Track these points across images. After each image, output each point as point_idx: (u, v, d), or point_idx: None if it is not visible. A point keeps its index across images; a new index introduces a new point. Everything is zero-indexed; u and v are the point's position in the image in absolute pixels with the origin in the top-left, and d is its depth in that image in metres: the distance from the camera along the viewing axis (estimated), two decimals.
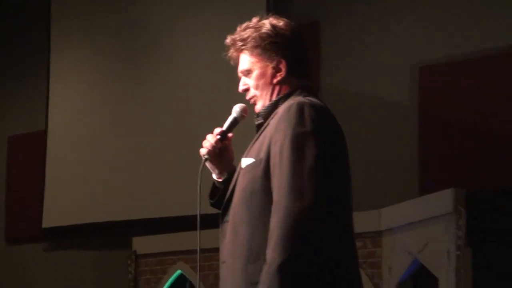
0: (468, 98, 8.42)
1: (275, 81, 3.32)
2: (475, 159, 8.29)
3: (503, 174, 8.08)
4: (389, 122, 8.99)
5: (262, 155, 3.18)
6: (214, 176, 3.54)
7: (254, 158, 3.22)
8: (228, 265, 3.34)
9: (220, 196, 3.46)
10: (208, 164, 3.46)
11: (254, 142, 3.33)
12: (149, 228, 9.64)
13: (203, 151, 3.41)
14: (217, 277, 8.85)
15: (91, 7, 10.78)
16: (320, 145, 3.08)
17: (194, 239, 9.14)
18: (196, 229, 9.11)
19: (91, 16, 10.75)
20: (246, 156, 3.30)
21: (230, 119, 3.45)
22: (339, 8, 9.58)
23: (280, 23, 3.39)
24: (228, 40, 3.43)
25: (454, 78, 8.56)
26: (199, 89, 9.68)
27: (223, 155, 3.49)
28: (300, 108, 3.12)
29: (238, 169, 3.39)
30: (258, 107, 3.39)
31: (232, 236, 3.27)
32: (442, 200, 7.74)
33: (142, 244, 9.59)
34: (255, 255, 3.13)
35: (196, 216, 8.42)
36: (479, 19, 8.57)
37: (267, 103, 3.36)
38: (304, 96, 3.30)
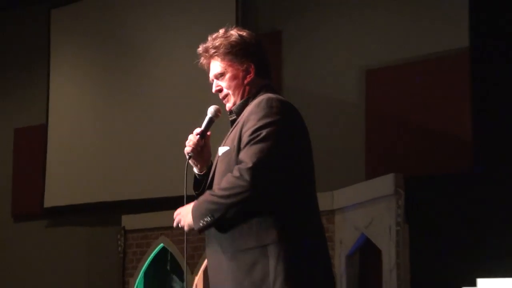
0: (408, 97, 8.46)
1: (245, 82, 3.37)
2: (412, 149, 8.33)
3: (435, 162, 8.10)
4: (341, 117, 9.05)
5: (236, 142, 3.23)
6: (196, 170, 3.56)
7: (229, 146, 3.27)
8: (212, 239, 3.34)
9: (204, 187, 3.45)
10: (191, 161, 3.49)
11: (229, 135, 3.36)
12: (136, 207, 9.75)
13: (187, 149, 3.43)
14: (195, 249, 9.06)
15: (88, 10, 10.83)
16: (284, 131, 3.17)
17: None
18: (174, 208, 9.31)
19: (88, 17, 10.82)
20: (222, 146, 3.35)
21: (206, 120, 3.46)
22: (298, 20, 9.57)
23: (244, 33, 3.46)
24: (201, 48, 3.47)
25: (395, 79, 8.59)
26: (181, 82, 9.77)
27: (203, 151, 3.52)
28: (269, 101, 3.20)
29: (216, 158, 3.41)
30: (230, 105, 3.42)
31: None
32: (385, 183, 7.81)
33: (130, 221, 9.71)
34: (235, 228, 3.22)
35: (176, 197, 8.62)
36: (416, 28, 8.61)
37: (238, 101, 3.39)
38: (270, 93, 3.37)
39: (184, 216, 3.27)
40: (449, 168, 7.89)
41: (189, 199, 3.39)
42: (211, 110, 3.48)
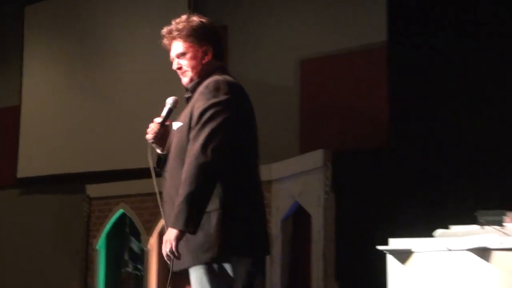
0: (336, 83, 8.54)
1: (203, 62, 3.31)
2: (339, 128, 8.40)
3: (358, 139, 8.21)
4: (279, 100, 9.10)
5: (187, 119, 3.19)
6: (159, 151, 3.45)
7: (182, 122, 3.23)
8: (169, 203, 3.26)
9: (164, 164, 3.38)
10: (153, 145, 3.40)
11: (184, 110, 3.33)
12: (99, 178, 9.84)
13: (148, 136, 3.34)
14: (151, 214, 9.14)
15: (59, 6, 10.90)
16: (229, 111, 3.15)
17: (133, 186, 9.44)
18: (133, 179, 9.33)
19: (58, 12, 10.87)
20: (176, 121, 3.30)
21: (166, 110, 3.37)
22: (242, 15, 9.64)
23: (204, 20, 3.43)
24: (165, 30, 3.39)
25: (326, 68, 8.67)
26: (140, 65, 9.90)
27: (164, 136, 3.42)
28: (216, 83, 3.18)
29: (171, 132, 3.38)
30: (187, 81, 3.38)
31: (170, 181, 3.24)
32: (315, 157, 7.87)
33: (93, 190, 9.80)
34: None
35: (135, 169, 8.64)
36: (345, 23, 8.64)
37: (195, 79, 3.33)
38: (222, 74, 3.34)
39: (169, 235, 3.13)
40: (370, 144, 8.02)
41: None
42: (170, 101, 3.40)
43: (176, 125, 3.29)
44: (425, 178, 7.49)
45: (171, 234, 3.10)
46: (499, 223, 5.24)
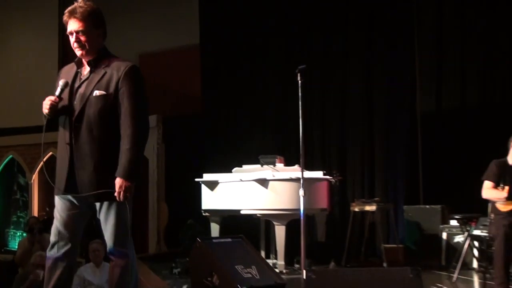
0: (166, 70, 8.29)
1: (98, 41, 2.83)
2: (167, 101, 8.17)
3: (181, 108, 8.12)
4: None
5: (112, 91, 2.74)
6: (48, 116, 2.83)
7: (105, 91, 2.74)
8: (84, 148, 2.76)
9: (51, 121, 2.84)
10: (48, 116, 2.78)
11: (100, 79, 2.79)
12: None
13: (45, 111, 2.77)
14: (33, 158, 9.10)
15: None
16: (143, 91, 2.82)
17: (19, 138, 8.86)
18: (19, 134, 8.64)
19: None
20: (94, 88, 2.79)
21: (59, 89, 2.80)
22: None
23: (98, 7, 2.93)
24: (68, 9, 2.84)
25: (159, 60, 8.41)
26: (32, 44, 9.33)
27: (58, 109, 2.82)
28: (136, 69, 2.82)
29: (83, 91, 2.82)
30: (84, 54, 2.82)
31: (89, 134, 2.73)
32: (151, 120, 6.99)
33: None
34: (106, 142, 2.72)
35: (23, 127, 8.11)
36: (174, 28, 8.33)
37: (94, 55, 2.81)
38: (111, 55, 2.92)
39: (126, 183, 2.68)
40: (189, 112, 8.08)
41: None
42: (61, 83, 2.83)
43: (96, 92, 2.77)
44: (228, 134, 7.65)
45: (127, 184, 2.70)
46: (273, 164, 5.66)
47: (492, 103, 6.33)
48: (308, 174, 5.14)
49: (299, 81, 3.25)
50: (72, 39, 2.83)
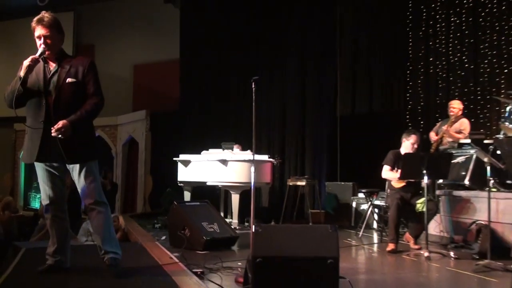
0: (155, 77, 8.21)
1: (59, 44, 2.66)
2: (154, 100, 8.06)
3: (164, 105, 7.91)
4: (123, 86, 8.53)
5: (80, 78, 2.61)
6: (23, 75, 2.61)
7: (75, 79, 2.60)
8: (63, 117, 2.59)
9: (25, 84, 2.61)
10: (25, 76, 2.54)
11: (68, 70, 2.63)
12: None
13: (22, 71, 2.53)
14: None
15: None
16: (99, 78, 2.68)
17: None
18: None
19: None
20: (66, 76, 2.63)
21: (39, 52, 2.59)
22: (104, 36, 8.86)
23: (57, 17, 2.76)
24: (36, 18, 2.65)
25: (149, 70, 8.33)
26: None
27: (32, 90, 2.60)
28: (94, 63, 2.68)
29: (56, 80, 2.64)
30: (49, 54, 2.63)
31: (65, 109, 2.56)
32: (141, 114, 7.72)
33: None
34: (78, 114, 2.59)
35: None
36: (161, 45, 8.21)
37: (56, 54, 2.64)
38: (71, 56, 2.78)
39: (67, 126, 2.53)
40: (170, 109, 7.92)
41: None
42: (41, 50, 2.62)
43: (69, 79, 2.61)
44: (198, 126, 7.51)
45: (67, 128, 2.54)
46: (231, 148, 5.65)
47: (392, 110, 6.36)
48: (257, 157, 5.16)
49: (253, 88, 3.24)
50: (39, 41, 2.66)
